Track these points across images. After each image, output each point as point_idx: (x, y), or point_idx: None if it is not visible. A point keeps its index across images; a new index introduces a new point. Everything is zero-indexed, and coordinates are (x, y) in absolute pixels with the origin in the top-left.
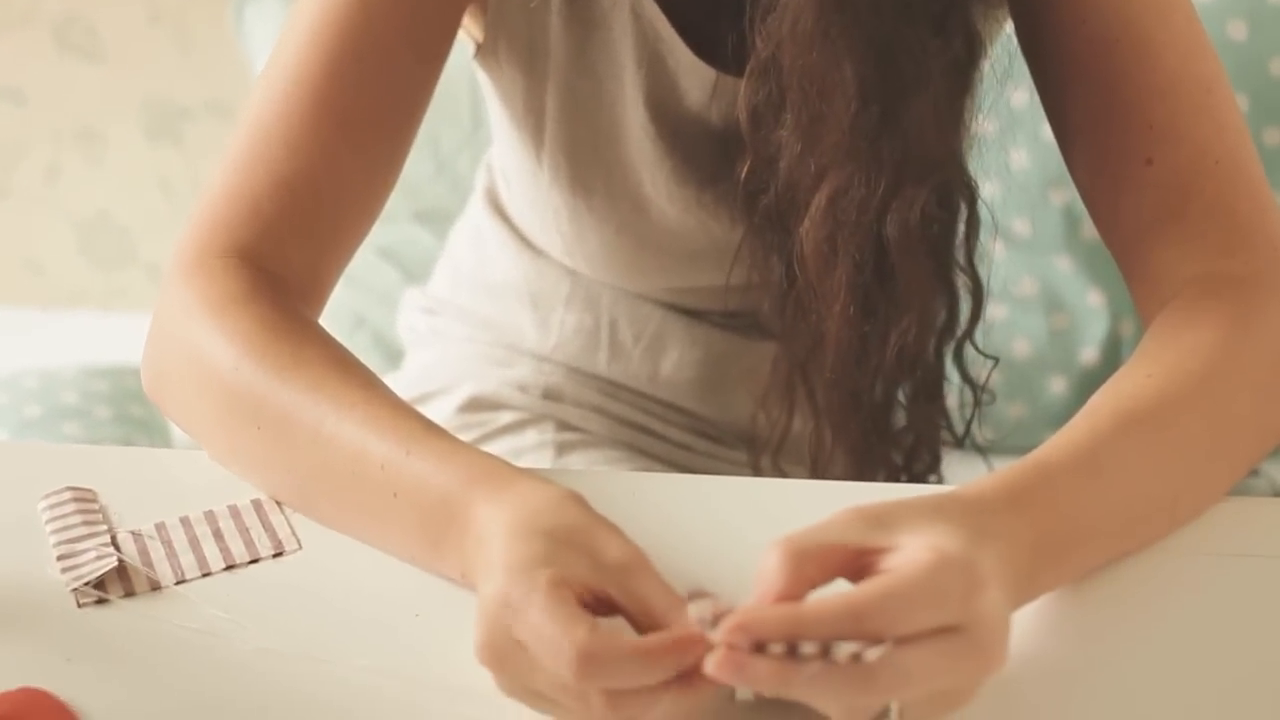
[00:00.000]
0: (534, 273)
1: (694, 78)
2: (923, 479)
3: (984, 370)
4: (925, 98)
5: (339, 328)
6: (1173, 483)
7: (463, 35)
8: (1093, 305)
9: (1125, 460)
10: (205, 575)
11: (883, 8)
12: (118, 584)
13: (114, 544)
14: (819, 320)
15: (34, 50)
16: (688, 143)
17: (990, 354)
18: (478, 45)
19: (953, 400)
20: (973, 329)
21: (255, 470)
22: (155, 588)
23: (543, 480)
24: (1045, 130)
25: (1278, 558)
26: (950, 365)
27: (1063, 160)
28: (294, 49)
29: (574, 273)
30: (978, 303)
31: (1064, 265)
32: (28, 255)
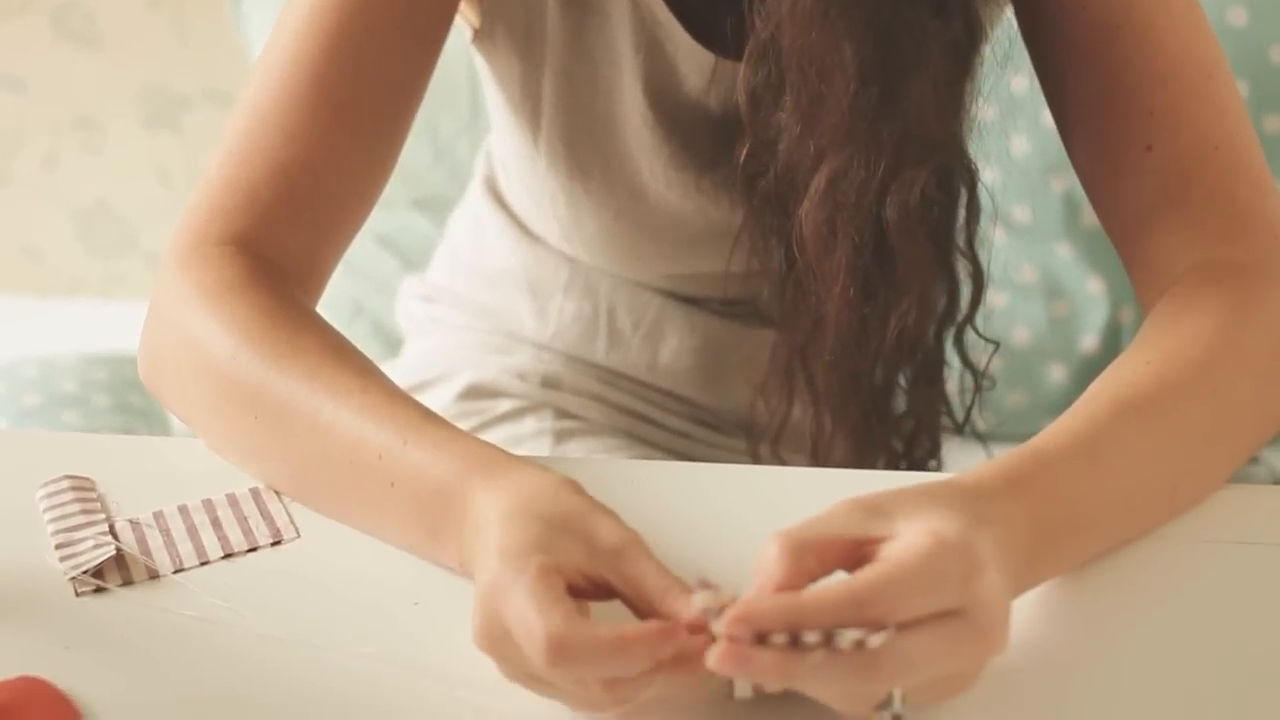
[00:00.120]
0: (532, 260)
1: (692, 62)
2: (923, 466)
3: (984, 356)
4: (925, 78)
5: (338, 315)
6: (1172, 470)
7: (460, 21)
8: (1093, 292)
9: (1124, 447)
10: (203, 564)
11: None
12: (116, 573)
13: (112, 533)
14: (818, 302)
15: (32, 38)
16: (686, 128)
17: (990, 339)
18: (474, 30)
19: (953, 386)
20: (973, 314)
21: (252, 459)
22: (153, 576)
23: (539, 467)
24: (1045, 116)
25: (1277, 545)
26: (951, 351)
27: (1063, 147)
28: (290, 35)
29: (572, 260)
30: (978, 287)
31: (1064, 252)
32: (26, 243)
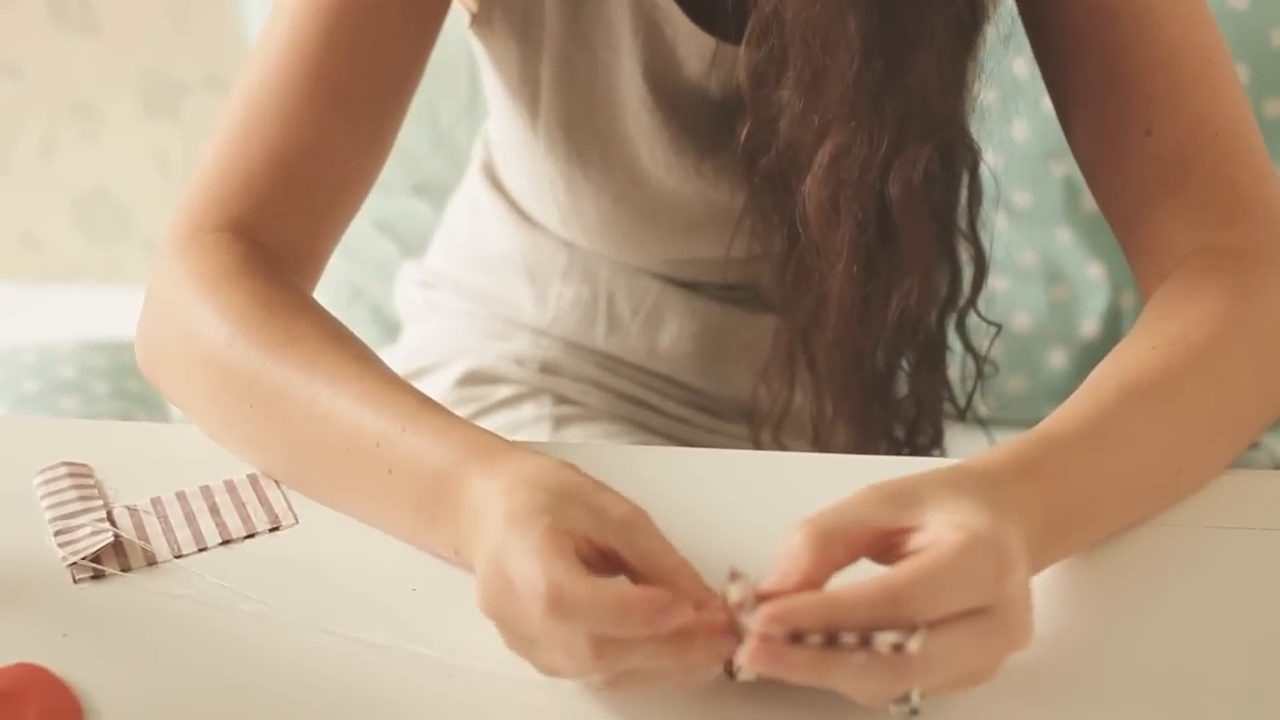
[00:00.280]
0: (531, 245)
1: (692, 46)
2: (926, 452)
3: (986, 341)
4: (929, 53)
5: (336, 300)
6: (1176, 454)
7: (457, 5)
8: (1093, 277)
9: (1131, 432)
10: (201, 550)
11: None
12: (114, 559)
13: (110, 519)
14: (822, 279)
15: (29, 23)
16: (686, 112)
17: (993, 322)
18: (472, 15)
19: (954, 372)
20: (975, 297)
21: (249, 447)
22: (151, 563)
23: (538, 453)
24: (1046, 101)
25: (1278, 531)
26: (952, 336)
27: (1062, 131)
28: (287, 20)
29: (571, 245)
30: (980, 271)
31: (1064, 237)
32: (25, 230)
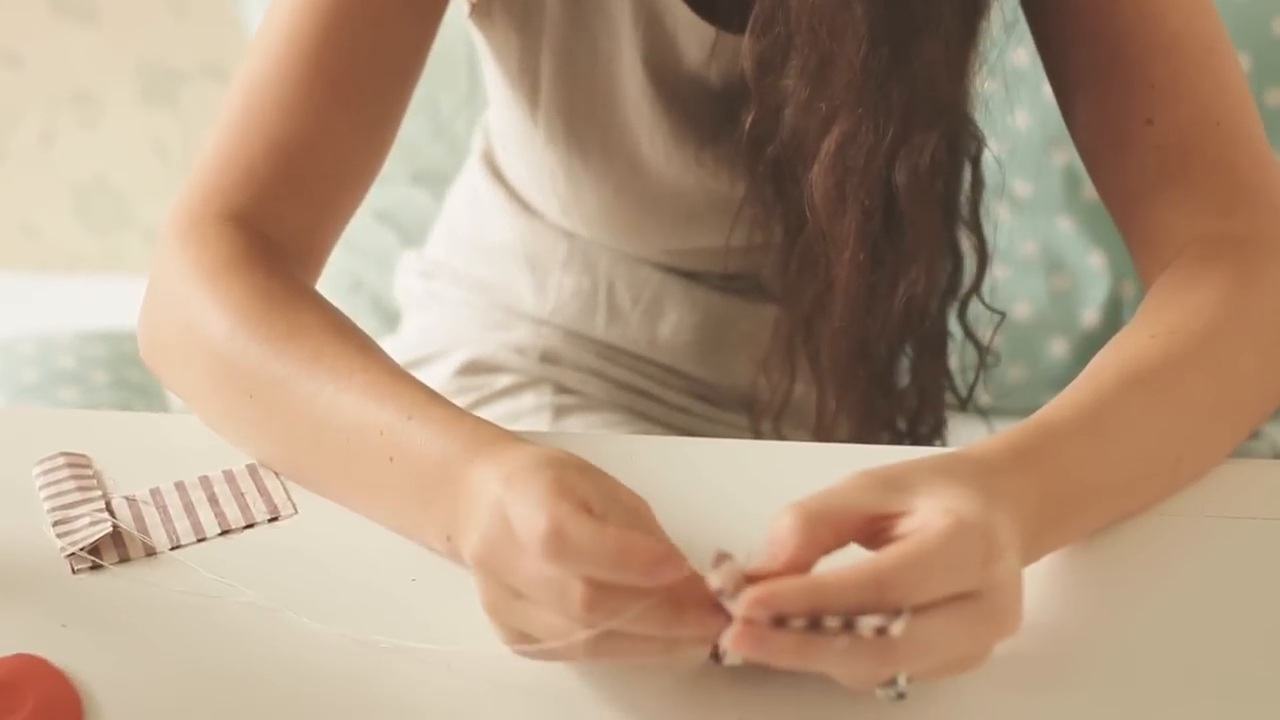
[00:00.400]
0: (531, 235)
1: (692, 36)
2: (927, 442)
3: (988, 330)
4: (935, 40)
5: (336, 290)
6: (1176, 443)
7: None
8: (1094, 266)
9: (1129, 420)
10: (200, 540)
11: None
12: (112, 550)
13: (108, 510)
14: (827, 267)
15: (29, 12)
16: (686, 102)
17: (996, 310)
18: (472, 5)
19: (954, 362)
20: (979, 284)
21: (249, 438)
22: (150, 553)
23: (544, 445)
24: (1046, 90)
25: (1278, 520)
26: (953, 325)
27: (1063, 120)
28: (286, 10)
29: (571, 235)
30: (983, 259)
31: (1065, 226)
32: (24, 219)
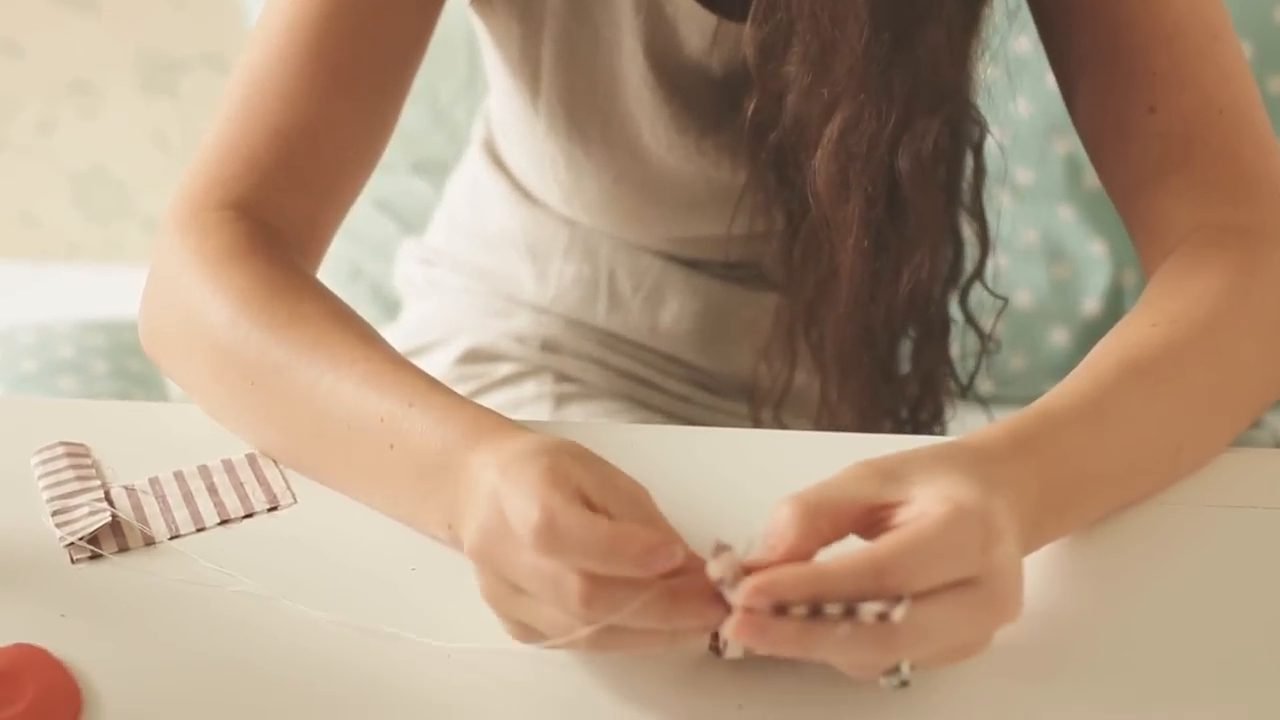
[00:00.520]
0: (532, 223)
1: (693, 24)
2: (927, 430)
3: (990, 318)
4: (938, 25)
5: (336, 279)
6: (1177, 432)
7: None
8: (1095, 255)
9: (1130, 409)
10: (200, 530)
11: None
12: (111, 539)
13: (107, 499)
14: (831, 253)
15: (29, 2)
16: (687, 90)
17: (999, 295)
18: None
19: (956, 350)
20: (980, 272)
21: (250, 426)
22: (149, 543)
23: (544, 433)
24: (1048, 78)
25: (1279, 509)
26: (956, 311)
27: (1065, 108)
28: None
29: (572, 223)
30: (985, 245)
31: (1066, 214)
32: (23, 208)
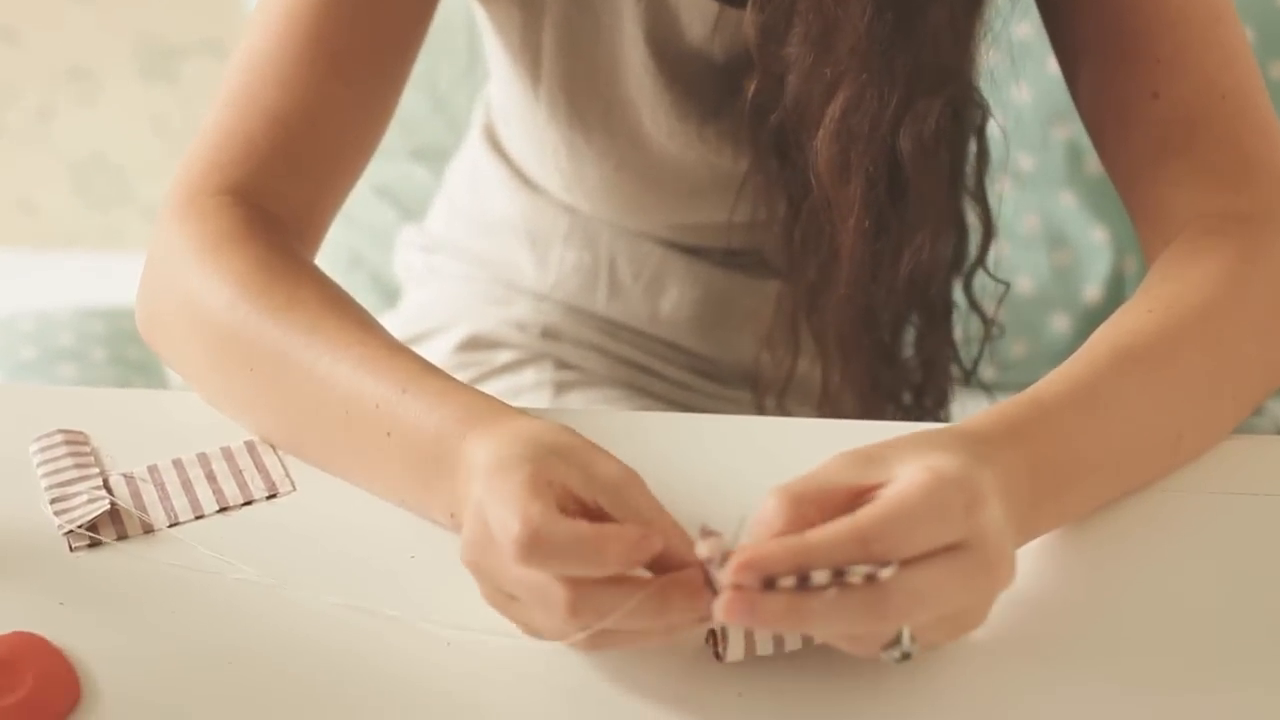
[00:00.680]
0: (532, 210)
1: (694, 11)
2: (931, 417)
3: (992, 304)
4: (941, 5)
5: (335, 266)
6: (1175, 418)
7: None
8: (1096, 242)
9: (1124, 395)
10: (198, 518)
11: None
12: (110, 527)
13: (106, 487)
14: (833, 234)
15: None
16: (688, 77)
17: (1001, 280)
18: None
19: (958, 335)
20: (983, 257)
21: (248, 412)
22: (148, 531)
23: (538, 417)
24: (1050, 64)
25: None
26: (958, 296)
27: (1068, 94)
28: None
29: (573, 210)
30: (988, 230)
31: (1067, 201)
32: (22, 196)
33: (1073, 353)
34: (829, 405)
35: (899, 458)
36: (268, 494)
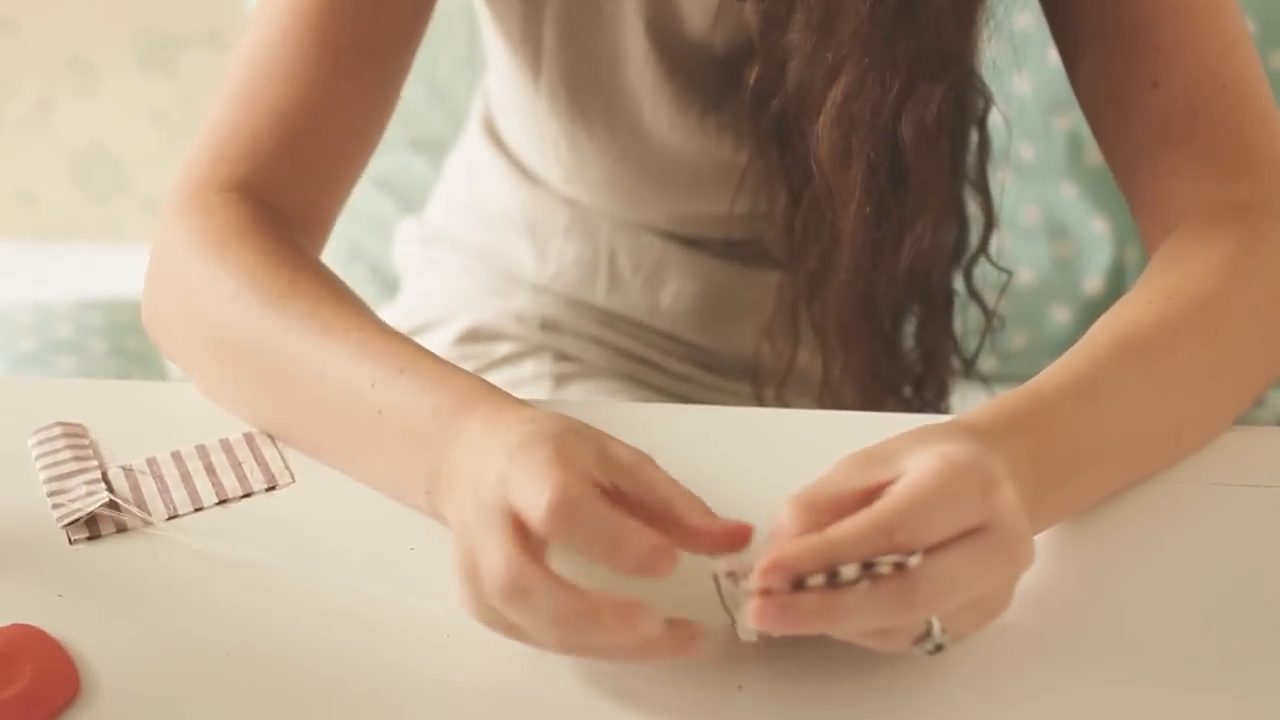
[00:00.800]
0: (531, 202)
1: (695, 2)
2: (933, 409)
3: (993, 295)
4: None
5: (334, 257)
6: (1176, 409)
7: None
8: (1097, 233)
9: (1124, 386)
10: (197, 510)
11: None
12: (109, 520)
13: (105, 480)
14: (834, 221)
15: None
16: (689, 68)
17: (1003, 268)
18: None
19: (958, 326)
20: (985, 247)
21: (248, 402)
22: (147, 523)
23: (540, 407)
24: (1050, 54)
25: None
26: (959, 286)
27: (1068, 85)
28: None
29: (573, 202)
30: (989, 219)
31: (1068, 192)
32: (21, 188)
33: (1073, 344)
34: (829, 397)
35: (907, 452)
36: (267, 486)
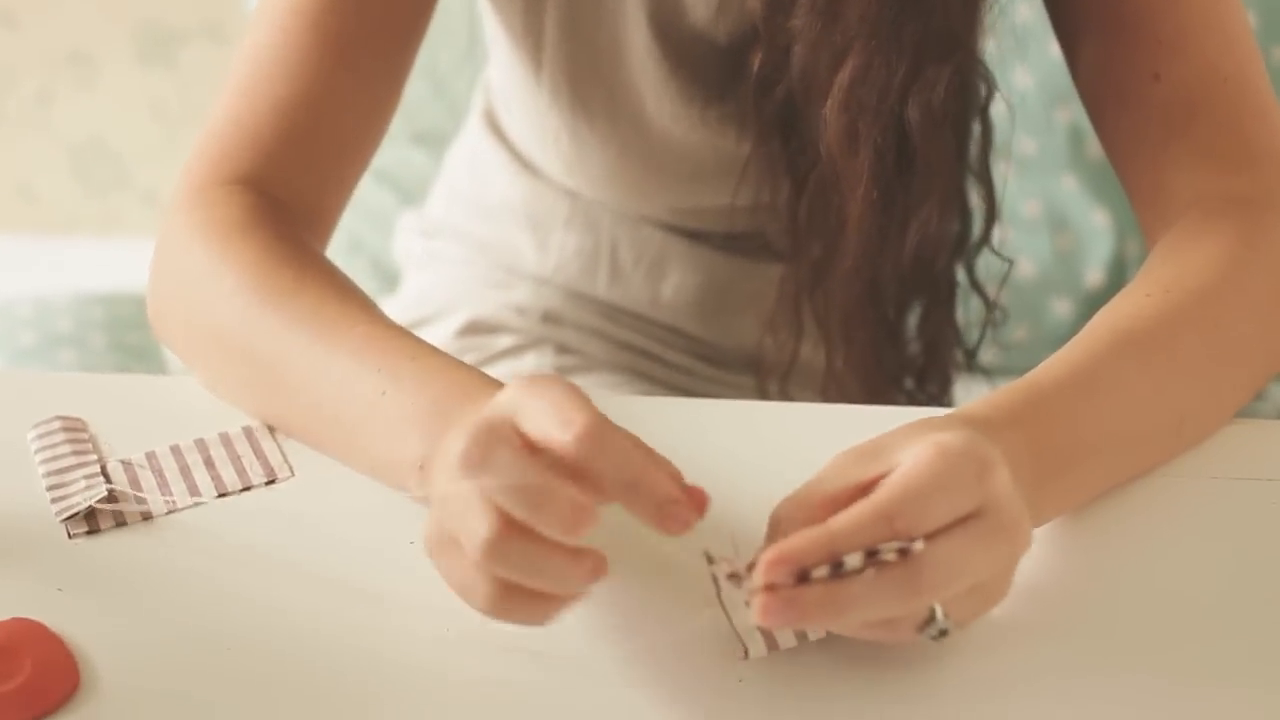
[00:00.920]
0: (532, 194)
1: None
2: (936, 403)
3: (995, 287)
4: None
5: (335, 251)
6: (1177, 402)
7: None
8: (1098, 225)
9: (1123, 379)
10: (197, 504)
11: None
12: (108, 514)
13: (104, 473)
14: (840, 207)
15: None
16: (692, 60)
17: (1005, 257)
18: None
19: (960, 318)
20: (987, 237)
21: (250, 396)
22: (146, 517)
23: None
24: (1051, 47)
25: None
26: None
27: (1069, 77)
28: None
29: (573, 194)
30: (991, 210)
31: (1069, 184)
32: (21, 182)
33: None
34: (832, 390)
35: (900, 444)
36: (266, 480)
